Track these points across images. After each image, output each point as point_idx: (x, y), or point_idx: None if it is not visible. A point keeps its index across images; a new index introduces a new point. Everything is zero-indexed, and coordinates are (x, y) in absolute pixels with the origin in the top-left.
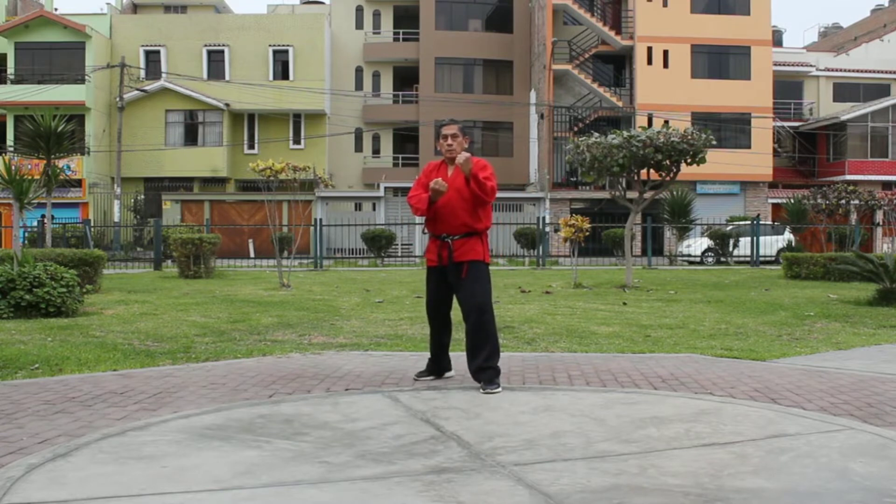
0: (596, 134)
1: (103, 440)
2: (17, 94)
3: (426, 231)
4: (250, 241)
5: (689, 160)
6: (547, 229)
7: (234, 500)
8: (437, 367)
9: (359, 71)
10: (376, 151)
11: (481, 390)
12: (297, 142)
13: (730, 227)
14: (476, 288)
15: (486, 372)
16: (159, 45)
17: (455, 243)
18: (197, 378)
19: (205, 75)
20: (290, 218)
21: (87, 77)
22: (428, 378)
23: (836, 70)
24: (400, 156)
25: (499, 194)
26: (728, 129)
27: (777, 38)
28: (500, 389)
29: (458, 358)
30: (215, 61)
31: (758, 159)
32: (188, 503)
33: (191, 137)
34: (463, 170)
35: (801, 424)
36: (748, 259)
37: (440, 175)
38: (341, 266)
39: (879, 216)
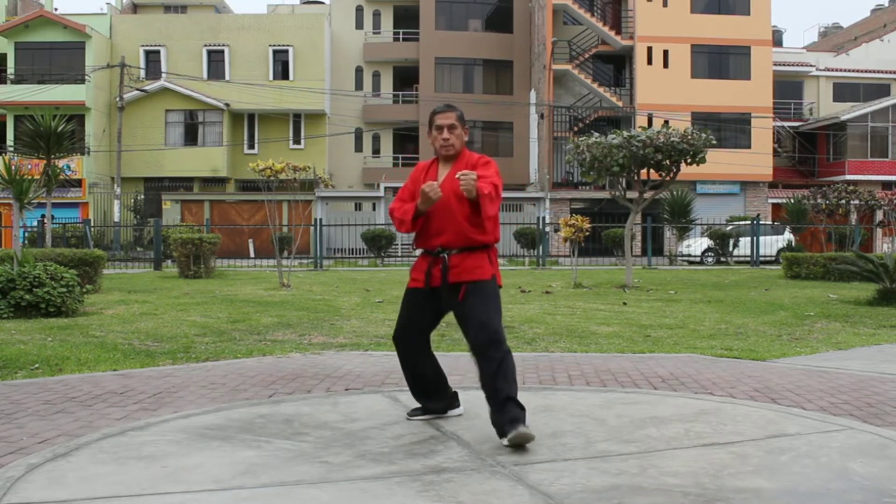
0: (596, 134)
1: (103, 440)
2: (17, 94)
3: (416, 247)
4: (250, 241)
5: (689, 160)
6: (547, 229)
7: (234, 500)
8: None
9: (359, 71)
10: (376, 151)
11: (505, 441)
12: (297, 142)
13: (730, 227)
14: (485, 307)
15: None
16: (159, 45)
17: (452, 259)
18: (197, 378)
19: (205, 75)
20: (290, 218)
21: (87, 77)
22: (424, 417)
23: (836, 70)
24: (400, 156)
25: None
26: (728, 129)
27: (777, 38)
28: (525, 431)
29: (459, 358)
30: (215, 61)
31: (758, 159)
32: (188, 503)
33: (191, 137)
34: (468, 196)
35: (801, 424)
36: (748, 259)
37: (430, 177)
38: (341, 266)
39: (879, 216)
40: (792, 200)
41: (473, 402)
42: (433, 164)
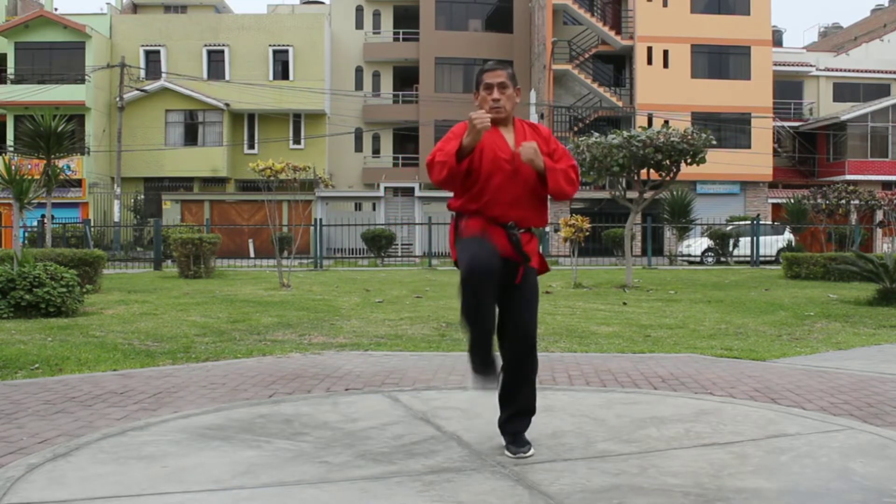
0: (596, 134)
1: (103, 440)
2: (17, 94)
3: (466, 209)
4: (250, 241)
5: (689, 160)
6: (547, 229)
7: (234, 500)
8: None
9: (359, 71)
10: (376, 151)
11: (508, 453)
12: (297, 142)
13: (730, 227)
14: (533, 307)
15: (520, 422)
16: (159, 45)
17: (523, 237)
18: (197, 378)
19: (205, 75)
20: (290, 218)
21: (87, 77)
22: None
23: (836, 70)
24: (400, 156)
25: None
26: (728, 129)
27: (777, 38)
28: (532, 452)
29: (458, 358)
30: (215, 61)
31: (758, 159)
32: (188, 503)
33: (191, 137)
34: (534, 166)
35: (801, 424)
36: (748, 259)
37: (482, 141)
38: (341, 266)
39: (879, 216)
40: (792, 200)
41: (474, 402)
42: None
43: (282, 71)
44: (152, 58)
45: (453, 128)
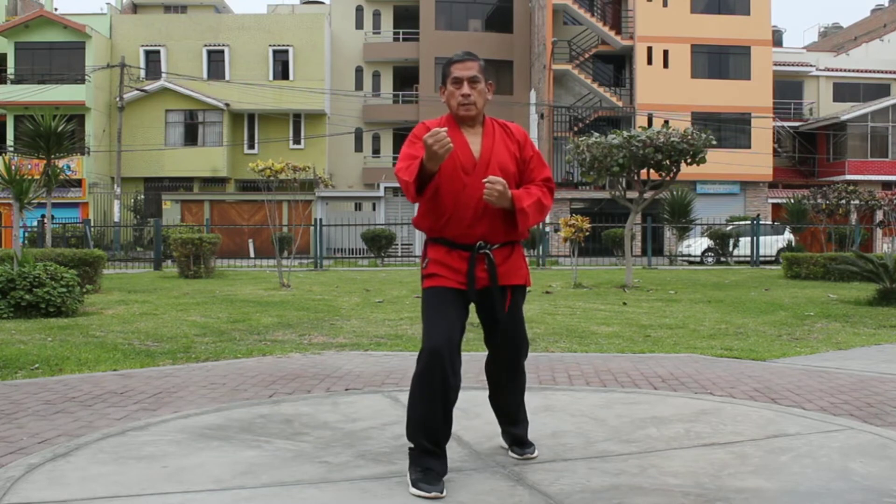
0: (596, 134)
1: (103, 440)
2: (17, 94)
3: (434, 235)
4: (250, 241)
5: (689, 160)
6: (547, 229)
7: (234, 500)
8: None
9: (359, 71)
10: (376, 151)
11: (515, 454)
12: (297, 142)
13: (730, 227)
14: (521, 327)
15: (518, 429)
16: (159, 45)
17: (496, 256)
18: (197, 378)
19: (205, 75)
20: (290, 218)
21: (87, 77)
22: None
23: (836, 70)
24: None
25: None
26: (728, 129)
27: (777, 38)
28: (537, 453)
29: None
30: (215, 61)
31: (758, 159)
32: (188, 503)
33: (191, 137)
34: (496, 204)
35: (801, 424)
36: (748, 259)
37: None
38: (341, 266)
39: (879, 216)
40: (792, 200)
41: (473, 401)
42: (450, 126)
43: (282, 71)
44: (152, 58)
45: (414, 129)
